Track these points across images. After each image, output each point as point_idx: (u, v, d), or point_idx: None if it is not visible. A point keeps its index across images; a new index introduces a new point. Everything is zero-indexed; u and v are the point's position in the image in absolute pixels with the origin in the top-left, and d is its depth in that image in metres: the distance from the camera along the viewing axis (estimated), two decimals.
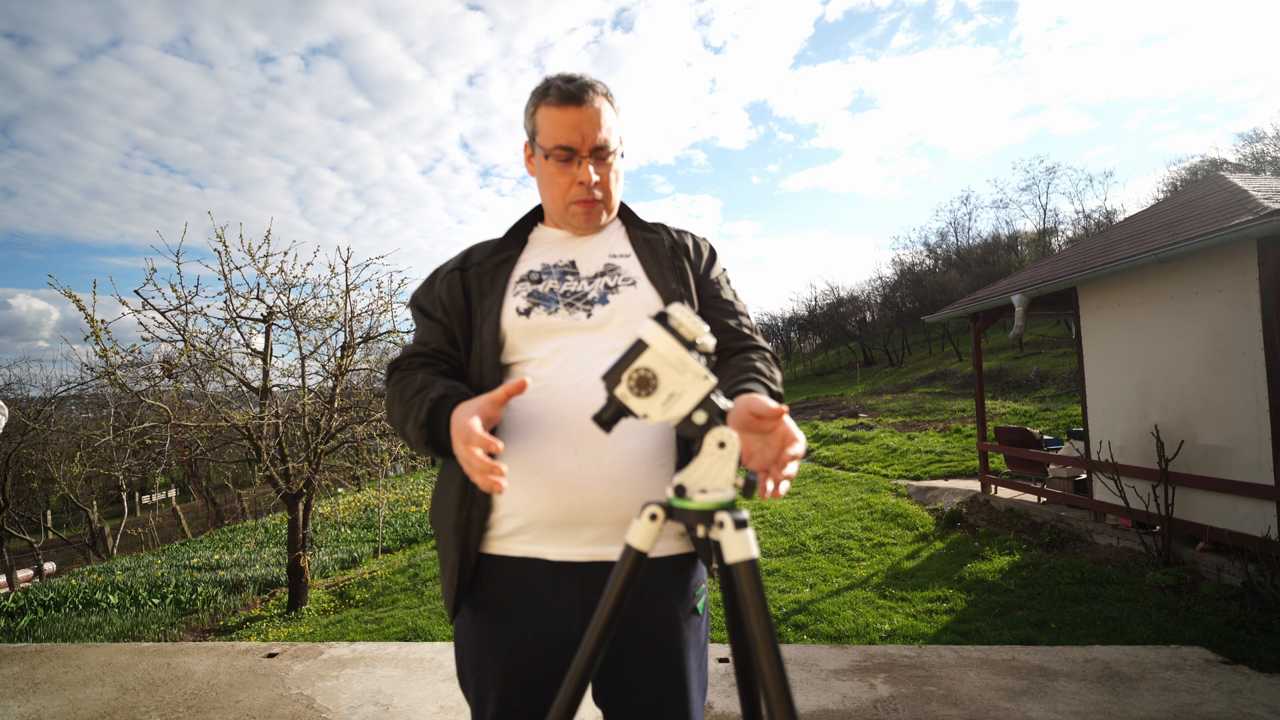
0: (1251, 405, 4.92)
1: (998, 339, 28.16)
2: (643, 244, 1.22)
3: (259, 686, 2.89)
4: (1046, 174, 51.25)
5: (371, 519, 13.80)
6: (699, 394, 0.78)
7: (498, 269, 1.19)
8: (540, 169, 1.18)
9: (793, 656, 3.07)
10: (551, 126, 1.12)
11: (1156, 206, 8.26)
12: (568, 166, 1.14)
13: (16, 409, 14.11)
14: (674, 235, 1.27)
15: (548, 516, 1.05)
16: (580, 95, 1.11)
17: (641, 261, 1.20)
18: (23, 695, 2.87)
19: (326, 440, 7.34)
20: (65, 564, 15.65)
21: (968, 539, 6.76)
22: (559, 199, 1.17)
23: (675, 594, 1.11)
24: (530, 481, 1.05)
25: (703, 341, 0.78)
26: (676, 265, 1.21)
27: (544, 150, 1.14)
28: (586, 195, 1.15)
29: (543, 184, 1.19)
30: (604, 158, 1.15)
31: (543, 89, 1.14)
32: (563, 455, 1.04)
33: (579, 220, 1.18)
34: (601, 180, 1.15)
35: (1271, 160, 29.71)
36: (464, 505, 1.09)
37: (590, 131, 1.11)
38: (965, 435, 13.41)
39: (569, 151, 1.12)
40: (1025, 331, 8.83)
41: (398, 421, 1.10)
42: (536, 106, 1.15)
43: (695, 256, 1.26)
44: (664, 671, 1.08)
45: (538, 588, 1.07)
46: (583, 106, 1.11)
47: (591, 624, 0.79)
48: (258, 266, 7.11)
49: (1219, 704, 2.61)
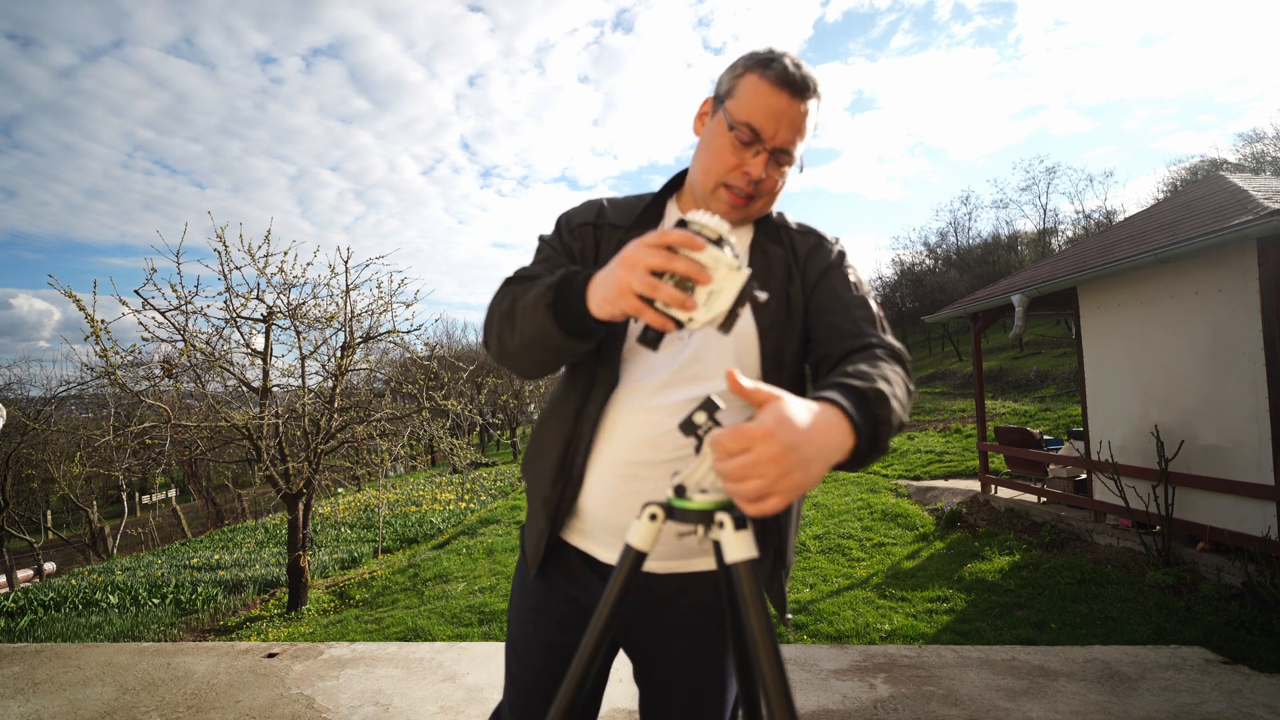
0: (1251, 405, 4.92)
1: (998, 339, 28.17)
2: (761, 259, 1.09)
3: (259, 686, 2.89)
4: (1046, 174, 51.31)
5: (371, 519, 13.80)
6: (736, 285, 0.75)
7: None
8: (711, 134, 1.05)
9: (793, 656, 3.07)
10: (754, 99, 1.00)
11: (1156, 206, 8.26)
12: (744, 148, 1.01)
13: (16, 409, 14.11)
14: (795, 244, 1.11)
15: (600, 523, 1.07)
16: (801, 86, 1.00)
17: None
18: (23, 695, 2.87)
19: (326, 440, 7.34)
20: (65, 564, 15.66)
21: (968, 539, 6.76)
22: (715, 175, 1.04)
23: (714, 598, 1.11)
24: (590, 485, 1.06)
25: (727, 237, 0.76)
26: (789, 291, 1.08)
27: (730, 120, 1.01)
28: (745, 187, 1.03)
29: (705, 149, 1.06)
30: (783, 162, 1.04)
31: (765, 58, 1.01)
32: (624, 474, 1.03)
33: (722, 207, 1.06)
34: (767, 181, 1.04)
35: (1271, 160, 29.73)
36: (559, 482, 1.06)
37: (787, 129, 1.01)
38: (965, 435, 13.41)
39: (754, 134, 1.00)
40: (1025, 331, 8.84)
41: (507, 306, 0.98)
42: (747, 70, 1.02)
43: (815, 264, 1.10)
44: (704, 669, 1.11)
45: (583, 580, 1.10)
46: (797, 100, 1.00)
47: (591, 625, 0.79)
48: (258, 266, 7.11)
49: (1219, 704, 2.61)
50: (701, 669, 1.11)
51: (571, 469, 1.06)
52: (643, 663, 1.16)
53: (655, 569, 1.08)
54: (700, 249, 0.74)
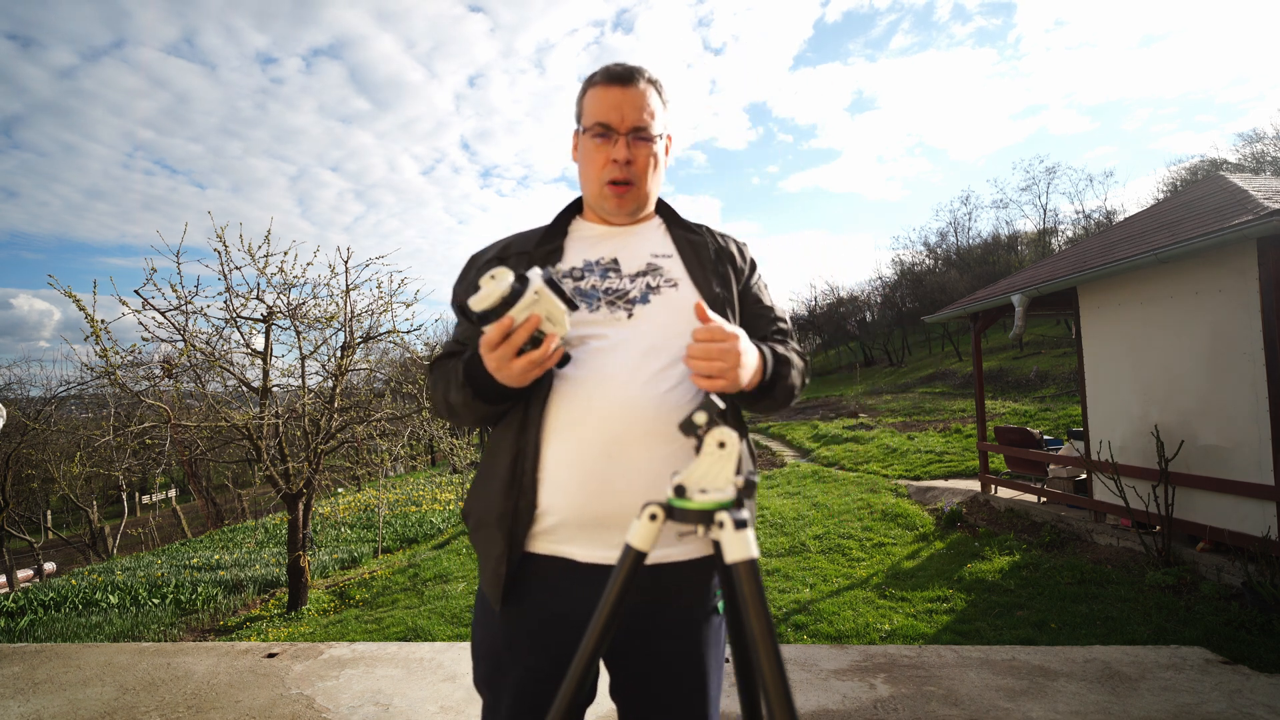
0: (1251, 405, 4.92)
1: (998, 339, 28.16)
2: (686, 245, 1.21)
3: (259, 686, 2.89)
4: (1046, 174, 51.18)
5: (371, 519, 13.80)
6: (535, 291, 0.90)
7: (543, 262, 1.17)
8: (580, 151, 1.18)
9: (793, 656, 3.07)
10: (594, 104, 1.14)
11: (1156, 206, 8.26)
12: (604, 144, 1.13)
13: (16, 409, 14.11)
14: (719, 239, 1.27)
15: (578, 517, 1.05)
16: (628, 76, 1.13)
17: (685, 263, 1.19)
18: (23, 695, 2.87)
19: (326, 440, 7.34)
20: (65, 564, 15.65)
21: (968, 539, 6.76)
22: (594, 179, 1.16)
23: (695, 595, 1.11)
24: (562, 481, 1.05)
25: (496, 276, 0.89)
26: (720, 271, 1.21)
27: (584, 128, 1.15)
28: (620, 174, 1.13)
29: (581, 165, 1.19)
30: (641, 140, 1.14)
31: (593, 74, 1.16)
32: (598, 459, 1.04)
33: (611, 204, 1.17)
34: (637, 162, 1.14)
35: (1271, 160, 29.71)
36: (511, 494, 1.07)
37: (630, 112, 1.12)
38: (965, 435, 13.40)
39: (606, 128, 1.12)
40: (1025, 331, 8.83)
41: (440, 398, 1.13)
42: (585, 90, 1.17)
43: (740, 264, 1.27)
44: (684, 670, 1.09)
45: (562, 588, 1.07)
46: (627, 87, 1.12)
47: (591, 625, 0.79)
48: (258, 266, 7.11)
49: (1219, 704, 2.61)
50: (684, 668, 1.09)
51: (523, 477, 1.07)
52: (621, 670, 1.12)
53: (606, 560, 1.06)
54: (509, 323, 0.90)
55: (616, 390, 1.05)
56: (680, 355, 1.08)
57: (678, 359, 1.09)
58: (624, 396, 1.05)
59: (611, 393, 1.05)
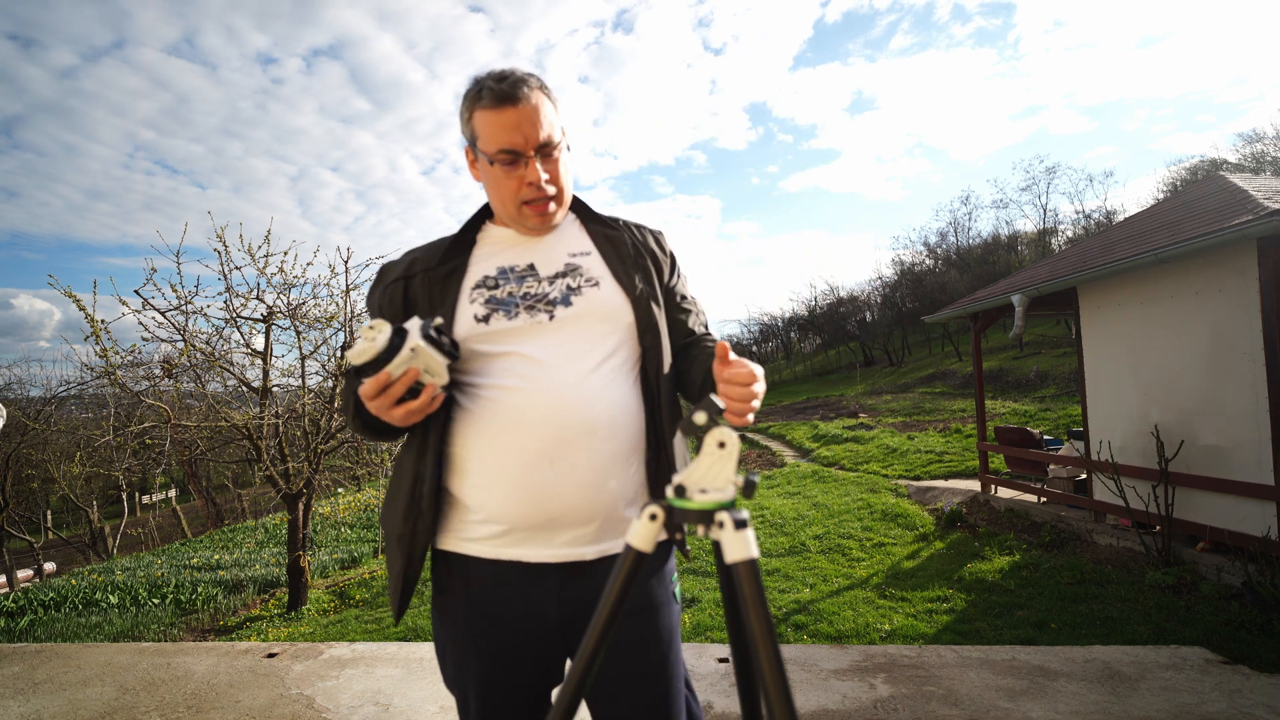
0: (1251, 405, 4.92)
1: (998, 339, 28.15)
2: (604, 241, 1.19)
3: (259, 686, 2.89)
4: (1046, 174, 51.13)
5: (371, 519, 13.80)
6: (410, 348, 0.96)
7: (448, 278, 1.15)
8: (485, 174, 1.12)
9: (793, 656, 3.07)
10: (491, 130, 1.07)
11: (1156, 206, 8.26)
12: (514, 169, 1.09)
13: (16, 409, 14.10)
14: (635, 233, 1.24)
15: (525, 522, 1.06)
16: (515, 94, 1.06)
17: (605, 259, 1.18)
18: (23, 695, 2.87)
19: (326, 440, 7.34)
20: (65, 564, 15.64)
21: (968, 539, 6.76)
22: (510, 203, 1.12)
23: (655, 579, 1.13)
24: (508, 490, 1.06)
25: (368, 338, 0.95)
26: (641, 264, 1.20)
27: (488, 156, 1.09)
28: (538, 194, 1.10)
29: (490, 189, 1.14)
30: (550, 154, 1.11)
31: (475, 92, 1.09)
32: (540, 464, 1.05)
33: (534, 222, 1.14)
34: (552, 177, 1.12)
35: (1271, 160, 29.70)
36: (410, 518, 1.10)
37: (531, 130, 1.07)
38: (965, 435, 13.40)
39: (513, 154, 1.08)
40: (1025, 331, 8.83)
41: (347, 417, 1.16)
42: (471, 111, 1.10)
43: (660, 256, 1.25)
44: (647, 653, 1.10)
45: (516, 588, 1.09)
46: (519, 105, 1.06)
47: (591, 625, 0.79)
48: (258, 266, 7.11)
49: (1219, 704, 2.61)
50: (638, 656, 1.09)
51: (420, 502, 1.09)
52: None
53: (588, 555, 1.08)
54: (385, 378, 0.95)
55: (549, 394, 1.06)
56: (606, 351, 1.11)
57: (607, 357, 1.10)
58: (557, 399, 1.06)
59: (544, 397, 1.06)
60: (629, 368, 1.14)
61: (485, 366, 1.10)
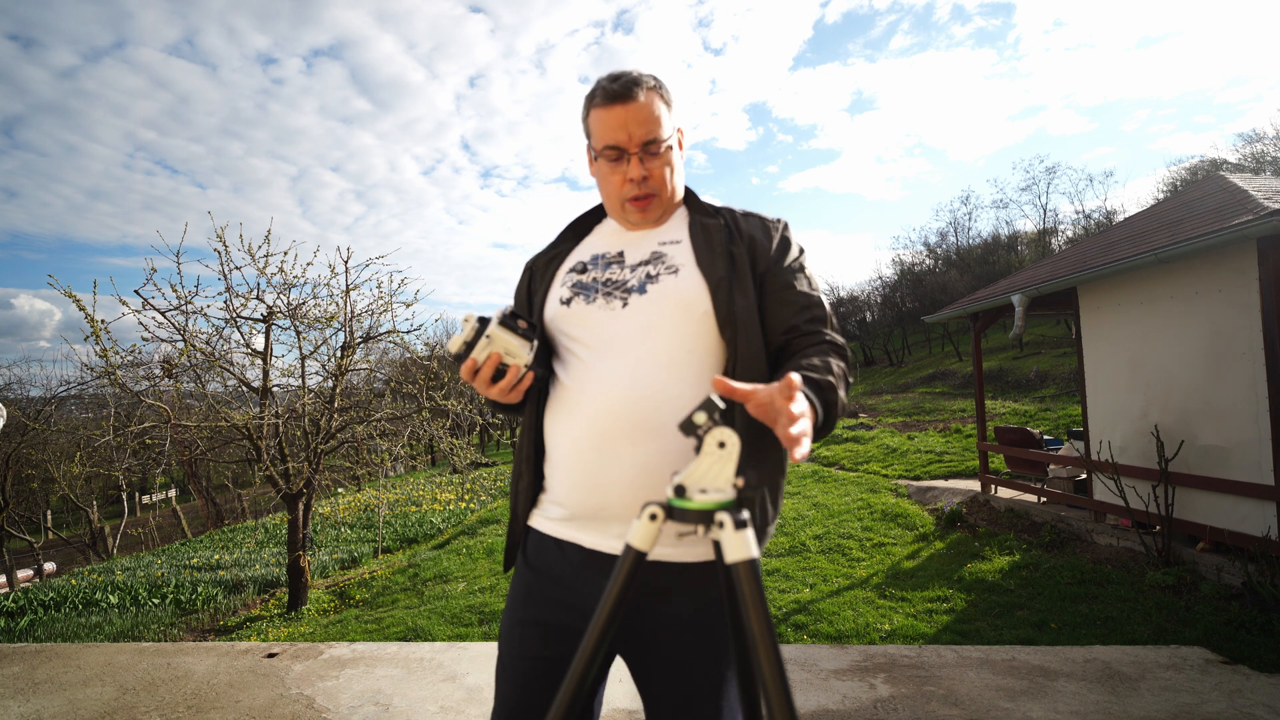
0: (1251, 405, 4.92)
1: (998, 339, 28.16)
2: (699, 230, 1.17)
3: (259, 686, 2.89)
4: (1046, 174, 51.21)
5: (371, 519, 13.80)
6: (495, 334, 1.04)
7: (550, 263, 1.25)
8: (596, 171, 1.19)
9: (793, 656, 3.07)
10: (601, 127, 1.13)
11: (1156, 206, 8.26)
12: (619, 165, 1.13)
13: (16, 409, 14.09)
14: (737, 219, 1.19)
15: (578, 508, 1.10)
16: (625, 93, 1.11)
17: (694, 248, 1.15)
18: (23, 695, 2.87)
19: (326, 440, 7.34)
20: (65, 564, 15.65)
21: (968, 539, 6.76)
22: (614, 198, 1.17)
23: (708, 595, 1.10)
24: (564, 473, 1.11)
25: (462, 333, 1.05)
26: (732, 251, 1.14)
27: (596, 152, 1.16)
28: (637, 191, 1.14)
29: (599, 184, 1.20)
30: (655, 151, 1.13)
31: (592, 92, 1.15)
32: (587, 453, 1.08)
33: (635, 217, 1.18)
34: (654, 175, 1.14)
35: (1271, 160, 29.70)
36: (515, 479, 1.22)
37: (637, 128, 1.11)
38: (965, 435, 13.40)
39: (618, 150, 1.12)
40: (1025, 331, 8.84)
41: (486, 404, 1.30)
42: (588, 111, 1.16)
43: (764, 243, 1.17)
44: (694, 672, 1.08)
45: (574, 569, 1.12)
46: (629, 103, 1.11)
47: (591, 625, 0.79)
48: (258, 266, 7.11)
49: (1219, 704, 2.61)
50: (694, 676, 1.07)
51: (521, 466, 1.21)
52: (637, 668, 1.13)
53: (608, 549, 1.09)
54: (472, 363, 1.04)
55: (598, 383, 1.08)
56: (674, 343, 1.08)
57: (678, 349, 1.08)
58: (610, 392, 1.07)
59: (598, 388, 1.08)
60: (707, 362, 1.09)
61: (563, 350, 1.16)
